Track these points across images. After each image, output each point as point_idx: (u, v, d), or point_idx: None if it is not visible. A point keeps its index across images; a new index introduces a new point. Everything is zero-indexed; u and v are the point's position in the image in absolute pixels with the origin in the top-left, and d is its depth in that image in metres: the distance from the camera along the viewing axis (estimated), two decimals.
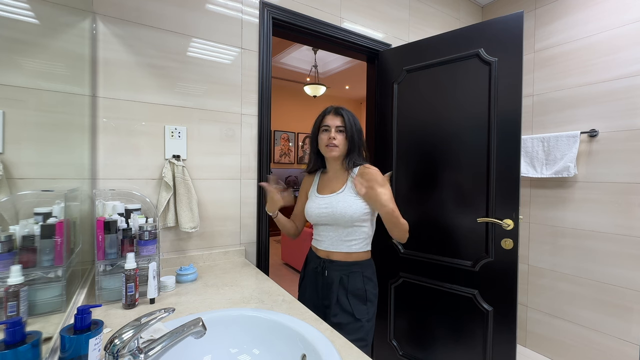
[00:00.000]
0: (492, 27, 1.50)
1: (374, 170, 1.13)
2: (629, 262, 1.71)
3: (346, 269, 1.14)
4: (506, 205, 1.45)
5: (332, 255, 1.17)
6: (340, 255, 1.16)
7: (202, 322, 0.62)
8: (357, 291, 1.13)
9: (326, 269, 1.17)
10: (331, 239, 1.17)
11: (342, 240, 1.15)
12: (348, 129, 1.15)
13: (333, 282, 1.14)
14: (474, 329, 1.56)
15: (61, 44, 0.91)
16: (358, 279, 1.14)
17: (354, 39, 1.82)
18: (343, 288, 1.13)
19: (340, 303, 1.12)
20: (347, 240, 1.15)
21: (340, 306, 1.12)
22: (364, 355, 0.71)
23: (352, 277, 1.13)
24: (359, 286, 1.13)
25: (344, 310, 1.11)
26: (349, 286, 1.13)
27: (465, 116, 1.57)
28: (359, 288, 1.13)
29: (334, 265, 1.16)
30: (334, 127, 1.15)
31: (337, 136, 1.14)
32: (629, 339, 1.71)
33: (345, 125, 1.15)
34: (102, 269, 0.96)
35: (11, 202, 0.66)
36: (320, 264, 1.19)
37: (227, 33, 1.46)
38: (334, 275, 1.15)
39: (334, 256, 1.17)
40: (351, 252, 1.15)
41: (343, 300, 1.12)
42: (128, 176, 1.25)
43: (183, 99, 1.36)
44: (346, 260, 1.15)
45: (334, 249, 1.16)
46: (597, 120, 1.83)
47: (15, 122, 0.64)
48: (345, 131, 1.15)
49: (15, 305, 0.58)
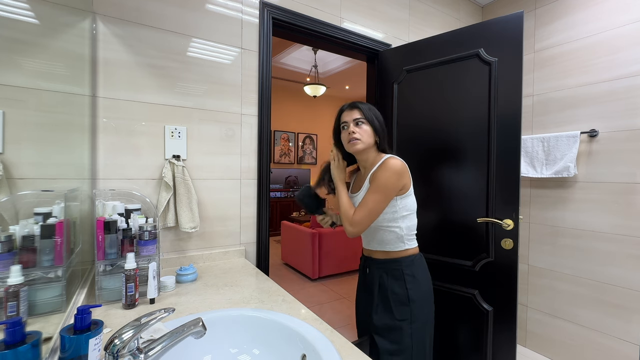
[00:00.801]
0: (492, 27, 1.50)
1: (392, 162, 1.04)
2: (629, 262, 1.71)
3: (385, 266, 1.11)
4: (506, 205, 1.45)
5: (372, 253, 1.16)
6: (379, 254, 1.14)
7: (202, 322, 0.62)
8: (397, 289, 1.07)
9: (367, 267, 1.17)
10: (367, 239, 1.17)
11: (376, 241, 1.13)
12: (368, 117, 1.08)
13: (374, 281, 1.13)
14: (474, 329, 1.56)
15: (61, 44, 0.91)
16: (398, 276, 1.08)
17: (354, 39, 1.82)
18: (382, 287, 1.10)
19: (381, 303, 1.10)
20: (379, 241, 1.12)
21: (381, 306, 1.09)
22: (364, 355, 0.71)
23: (391, 275, 1.09)
24: (399, 284, 1.08)
25: (385, 310, 1.08)
26: (389, 284, 1.09)
27: (465, 116, 1.57)
28: (399, 286, 1.08)
29: (374, 263, 1.14)
30: (351, 121, 1.09)
31: (356, 129, 1.08)
32: (629, 339, 1.71)
33: (364, 114, 1.09)
34: (102, 269, 0.96)
35: (11, 202, 0.66)
36: (363, 262, 1.21)
37: (227, 33, 1.46)
38: (375, 274, 1.13)
39: (375, 254, 1.15)
40: (388, 250, 1.12)
41: (383, 300, 1.09)
42: (128, 176, 1.25)
43: (183, 99, 1.36)
44: (385, 258, 1.12)
45: (372, 247, 1.16)
46: (597, 120, 1.83)
47: (15, 122, 0.64)
48: (366, 120, 1.08)
49: (15, 305, 0.58)
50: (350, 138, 1.08)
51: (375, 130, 1.09)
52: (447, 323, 1.64)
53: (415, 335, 1.05)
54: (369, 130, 1.09)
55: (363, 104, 1.11)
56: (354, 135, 1.07)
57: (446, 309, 1.63)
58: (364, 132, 1.08)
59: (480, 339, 1.54)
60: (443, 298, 1.64)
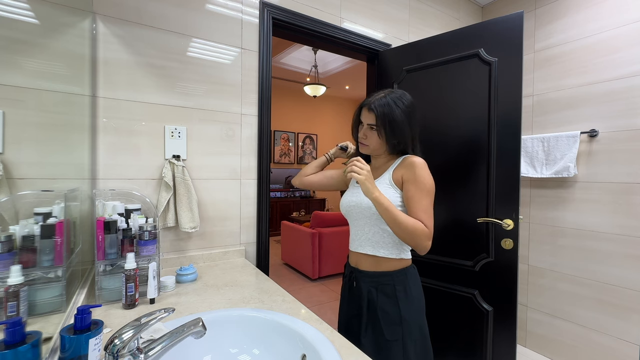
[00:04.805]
0: (492, 27, 1.50)
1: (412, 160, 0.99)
2: (629, 262, 1.71)
3: (375, 280, 1.01)
4: (506, 205, 1.45)
5: (360, 261, 1.06)
6: (369, 263, 1.03)
7: (202, 322, 0.62)
8: (388, 308, 0.99)
9: (354, 279, 1.07)
10: (358, 237, 1.06)
11: (369, 240, 1.03)
12: (379, 126, 1.01)
13: (361, 296, 1.03)
14: (474, 329, 1.56)
15: (61, 44, 0.91)
16: (389, 293, 1.00)
17: (354, 39, 1.82)
18: (371, 305, 1.01)
19: (370, 324, 1.01)
20: (374, 240, 1.02)
21: (370, 328, 1.01)
22: (364, 355, 0.71)
23: (382, 292, 1.00)
24: (391, 302, 0.99)
25: (374, 331, 1.00)
26: (378, 302, 1.00)
27: (465, 116, 1.57)
28: (390, 304, 0.99)
29: (363, 276, 1.04)
30: (365, 124, 1.04)
31: (367, 134, 1.04)
32: (629, 339, 1.71)
33: (376, 122, 1.01)
34: (102, 269, 0.96)
35: (11, 202, 0.66)
36: (349, 273, 1.10)
37: (227, 33, 1.46)
38: (363, 288, 1.03)
39: (362, 263, 1.05)
40: (379, 256, 1.01)
41: (372, 320, 1.01)
42: (128, 176, 1.25)
43: (183, 99, 1.36)
44: (375, 270, 1.02)
45: (361, 250, 1.05)
46: (597, 120, 1.83)
47: (15, 122, 0.64)
48: (378, 127, 1.02)
49: (15, 305, 0.58)
50: (360, 141, 1.08)
51: (387, 138, 1.02)
52: (447, 323, 1.64)
53: (407, 354, 0.97)
54: (379, 140, 1.03)
55: (381, 107, 1.00)
56: (362, 141, 1.07)
57: (446, 309, 1.63)
58: (374, 139, 1.04)
59: (480, 339, 1.54)
60: (443, 298, 1.64)
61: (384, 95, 1.02)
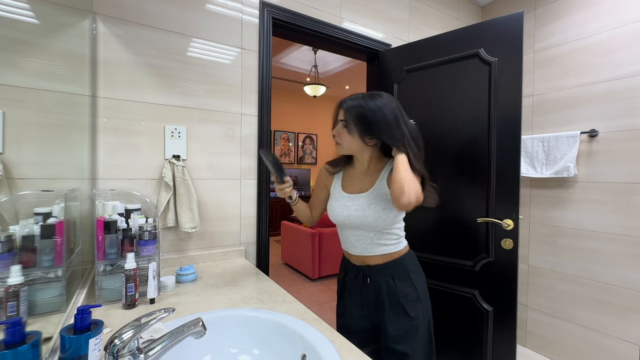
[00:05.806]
0: (492, 27, 1.50)
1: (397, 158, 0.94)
2: (629, 262, 1.71)
3: (388, 270, 1.05)
4: (506, 205, 1.45)
5: (368, 259, 1.06)
6: (377, 259, 1.05)
7: (202, 322, 0.62)
8: (407, 289, 1.04)
9: (367, 275, 1.07)
10: (363, 244, 1.05)
11: (376, 244, 1.04)
12: (348, 121, 0.98)
13: (380, 290, 1.04)
14: (474, 329, 1.56)
15: (61, 44, 0.91)
16: (404, 276, 1.04)
17: (354, 39, 1.82)
18: (392, 294, 1.03)
19: (393, 312, 1.03)
20: (381, 244, 1.04)
21: (393, 315, 1.03)
22: (364, 355, 0.71)
23: (397, 277, 1.04)
24: (407, 284, 1.04)
25: (398, 315, 1.02)
26: (398, 288, 1.03)
27: (465, 116, 1.57)
28: (407, 286, 1.04)
29: (375, 271, 1.05)
30: (338, 121, 1.03)
31: (339, 131, 1.02)
32: (629, 339, 1.71)
33: (345, 119, 0.99)
34: (102, 269, 0.96)
35: (11, 202, 0.66)
36: (359, 271, 1.09)
37: (227, 33, 1.46)
38: (380, 282, 1.05)
39: (370, 260, 1.06)
40: (388, 253, 1.05)
41: (394, 308, 1.03)
42: (128, 176, 1.25)
43: (183, 99, 1.36)
44: (386, 262, 1.05)
45: (368, 254, 1.06)
46: (597, 120, 1.83)
47: (15, 122, 0.64)
48: (348, 123, 0.99)
49: (15, 305, 0.58)
50: (335, 140, 1.06)
51: (359, 134, 0.98)
52: (447, 323, 1.64)
53: (427, 328, 1.07)
54: (350, 137, 1.00)
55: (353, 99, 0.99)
56: (336, 139, 1.05)
57: (446, 309, 1.63)
58: (345, 136, 1.01)
59: (480, 339, 1.54)
60: (443, 298, 1.64)
61: (359, 95, 1.01)
